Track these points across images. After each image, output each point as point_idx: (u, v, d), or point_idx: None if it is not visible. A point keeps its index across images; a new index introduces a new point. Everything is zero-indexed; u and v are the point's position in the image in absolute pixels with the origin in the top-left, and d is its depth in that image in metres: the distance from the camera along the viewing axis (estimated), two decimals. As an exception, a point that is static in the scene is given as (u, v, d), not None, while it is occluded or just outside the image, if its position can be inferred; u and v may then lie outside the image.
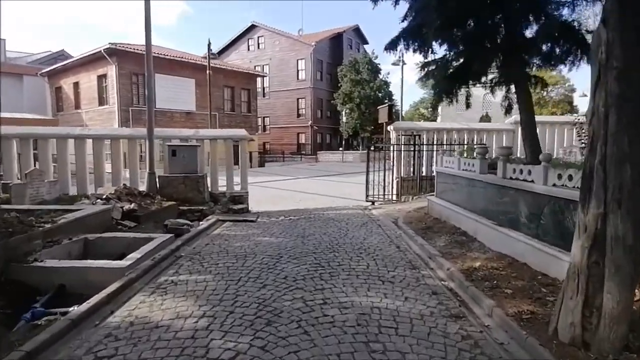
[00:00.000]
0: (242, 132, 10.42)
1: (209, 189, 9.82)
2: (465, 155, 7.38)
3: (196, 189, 9.11)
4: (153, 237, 5.72)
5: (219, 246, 6.16)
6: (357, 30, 45.64)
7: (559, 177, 4.44)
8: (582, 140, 6.94)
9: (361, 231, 7.40)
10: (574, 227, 4.13)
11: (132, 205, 6.93)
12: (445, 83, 6.23)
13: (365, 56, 39.00)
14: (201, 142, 9.90)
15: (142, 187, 9.04)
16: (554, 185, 4.52)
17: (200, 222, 8.07)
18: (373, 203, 11.49)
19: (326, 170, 25.04)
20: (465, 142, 12.26)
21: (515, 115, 14.75)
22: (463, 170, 6.98)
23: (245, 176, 10.29)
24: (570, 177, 4.27)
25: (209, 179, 9.88)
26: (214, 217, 8.47)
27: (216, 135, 10.34)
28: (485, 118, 38.49)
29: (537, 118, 15.21)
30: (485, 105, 44.26)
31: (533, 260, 4.65)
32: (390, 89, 40.00)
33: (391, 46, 6.23)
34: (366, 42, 47.27)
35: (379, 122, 13.79)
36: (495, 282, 4.39)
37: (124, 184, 8.05)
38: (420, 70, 6.89)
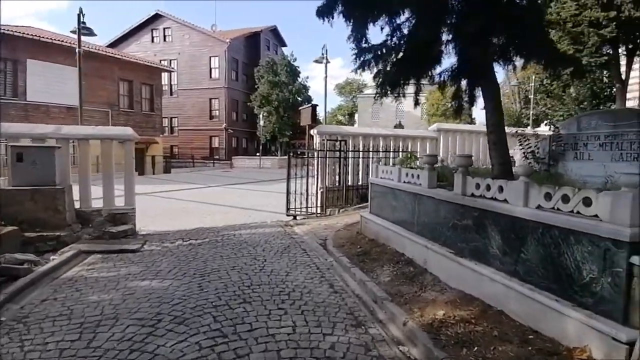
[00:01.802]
0: (126, 130, 8.06)
1: (76, 206, 7.30)
2: (406, 164, 6.22)
3: (52, 207, 6.57)
4: None
5: (62, 303, 3.98)
6: (274, 31, 44.17)
7: (547, 197, 3.33)
8: (524, 150, 6.23)
9: (283, 261, 5.76)
10: (579, 267, 3.03)
11: None
12: (391, 74, 4.95)
13: (284, 58, 37.63)
14: (64, 142, 7.33)
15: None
16: (539, 207, 3.40)
17: (53, 257, 5.67)
18: (295, 217, 9.96)
19: (242, 178, 22.92)
20: (392, 149, 11.41)
21: (438, 123, 14.63)
22: (405, 182, 5.76)
23: (131, 187, 7.95)
24: (565, 199, 3.17)
25: (76, 193, 7.36)
26: (76, 247, 6.08)
27: (88, 133, 7.81)
28: (399, 126, 39.89)
29: (462, 126, 15.31)
30: (399, 114, 46.31)
31: (515, 309, 3.47)
32: (309, 94, 39.17)
33: (327, 10, 4.71)
34: (284, 45, 46.09)
35: (301, 124, 12.35)
36: (475, 347, 3.08)
37: None
38: (355, 59, 5.54)
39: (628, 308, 2.64)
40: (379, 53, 5.26)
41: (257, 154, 35.28)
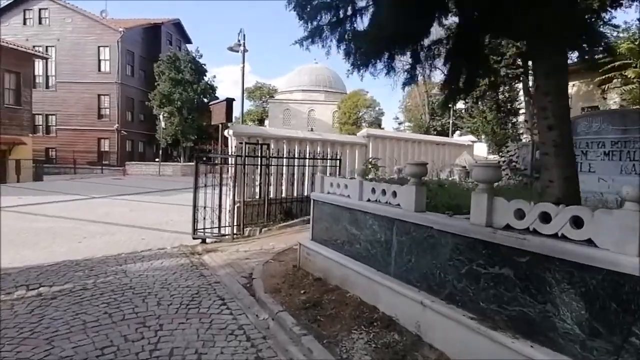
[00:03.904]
0: None
1: None
2: (371, 175, 4.52)
3: None
4: None
5: None
6: (178, 26, 39.99)
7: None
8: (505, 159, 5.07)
9: (190, 326, 3.60)
10: None
11: None
12: (377, 40, 3.17)
13: (188, 54, 33.96)
14: None
15: None
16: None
17: None
18: (204, 241, 7.66)
19: (137, 187, 19.27)
20: (322, 156, 9.75)
21: (368, 129, 13.55)
22: (372, 202, 4.04)
23: None
24: None
25: None
26: None
27: None
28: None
29: (392, 133, 14.40)
30: (310, 121, 45.63)
31: None
32: (217, 95, 35.94)
33: None
34: (189, 41, 42.10)
35: (212, 123, 10.00)
36: None
37: None
38: (306, 24, 3.71)
39: None
40: (345, 13, 3.46)
41: (157, 159, 30.94)
